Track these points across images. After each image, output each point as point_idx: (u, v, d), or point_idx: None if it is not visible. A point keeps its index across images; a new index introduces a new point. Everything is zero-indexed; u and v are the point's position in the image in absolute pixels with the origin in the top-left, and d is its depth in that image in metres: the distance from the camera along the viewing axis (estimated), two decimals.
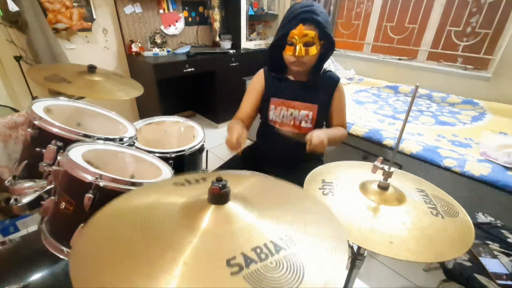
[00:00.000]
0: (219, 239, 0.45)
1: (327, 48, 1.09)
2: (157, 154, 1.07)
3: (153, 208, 0.53)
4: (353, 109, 2.30)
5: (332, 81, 1.15)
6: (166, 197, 0.57)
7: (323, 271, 0.40)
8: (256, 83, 1.24)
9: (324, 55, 1.11)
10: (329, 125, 1.24)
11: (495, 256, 1.07)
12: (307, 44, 1.03)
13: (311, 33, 1.02)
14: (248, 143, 1.41)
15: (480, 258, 1.05)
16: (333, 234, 0.48)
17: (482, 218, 1.28)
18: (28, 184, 0.89)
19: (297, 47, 1.03)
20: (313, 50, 1.04)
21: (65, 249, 0.76)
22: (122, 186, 0.74)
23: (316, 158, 1.28)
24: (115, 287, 0.37)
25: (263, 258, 0.41)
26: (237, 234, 0.46)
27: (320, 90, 1.15)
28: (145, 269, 0.39)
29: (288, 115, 1.18)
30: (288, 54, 1.07)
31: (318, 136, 0.97)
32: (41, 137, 0.88)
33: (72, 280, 0.38)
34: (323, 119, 1.19)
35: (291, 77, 1.19)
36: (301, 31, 1.01)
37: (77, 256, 0.43)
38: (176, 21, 2.86)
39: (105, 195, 0.69)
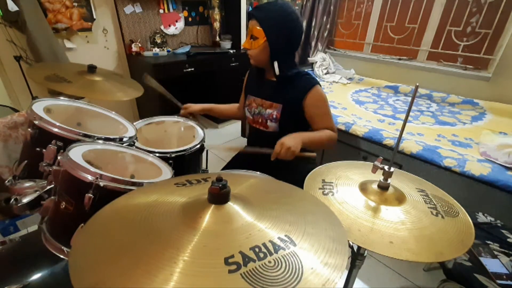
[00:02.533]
0: (218, 238, 0.45)
1: (274, 47, 1.07)
2: (157, 154, 1.07)
3: (153, 207, 0.53)
4: (353, 109, 2.31)
5: (306, 85, 1.11)
6: (167, 196, 0.57)
7: (322, 271, 0.40)
8: (244, 81, 1.36)
9: (275, 54, 1.08)
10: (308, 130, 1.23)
11: (495, 256, 1.07)
12: (253, 37, 1.08)
13: (254, 28, 1.06)
14: (244, 144, 1.43)
15: (480, 258, 1.05)
16: (334, 235, 0.48)
17: (482, 218, 1.28)
18: (28, 184, 0.89)
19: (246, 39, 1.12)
20: (255, 44, 1.08)
21: (65, 249, 0.76)
22: (122, 186, 0.74)
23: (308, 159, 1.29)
24: (115, 285, 0.37)
25: (262, 257, 0.41)
26: (236, 233, 0.46)
27: (289, 91, 1.13)
28: (144, 266, 0.39)
29: (257, 112, 1.22)
30: None
31: (281, 144, 0.97)
32: (41, 137, 0.88)
33: (72, 279, 0.38)
34: (289, 120, 1.15)
35: (267, 76, 1.21)
36: (249, 25, 1.09)
37: (77, 256, 0.43)
38: (176, 21, 2.86)
39: (105, 195, 0.69)
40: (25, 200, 0.82)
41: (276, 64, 1.09)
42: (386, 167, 0.72)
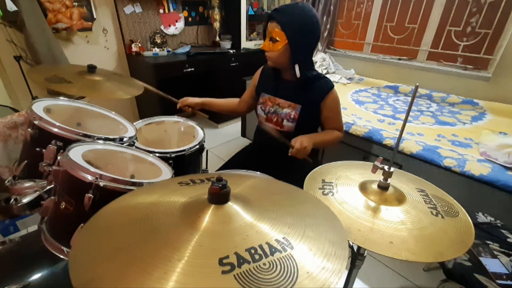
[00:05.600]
0: (216, 238, 0.45)
1: (295, 51, 1.07)
2: (157, 154, 1.07)
3: (154, 206, 0.53)
4: (353, 109, 2.30)
5: (324, 87, 1.14)
6: (168, 196, 0.57)
7: (318, 275, 0.40)
8: (254, 78, 1.35)
9: (296, 56, 1.09)
10: (320, 130, 1.26)
11: (495, 256, 1.07)
12: (272, 40, 1.08)
13: (275, 30, 1.05)
14: (247, 142, 1.43)
15: (480, 258, 1.05)
16: (334, 239, 0.48)
17: (482, 218, 1.28)
18: (28, 184, 0.89)
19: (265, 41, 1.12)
20: (275, 47, 1.08)
21: (65, 249, 0.76)
22: (122, 186, 0.74)
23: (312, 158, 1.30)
24: (110, 281, 0.37)
25: (257, 259, 0.41)
26: (234, 234, 0.46)
27: (308, 92, 1.14)
28: (140, 264, 0.40)
29: (272, 111, 1.22)
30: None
31: (301, 142, 1.03)
32: (41, 137, 0.88)
33: (71, 277, 0.38)
34: (306, 121, 1.17)
35: (283, 76, 1.21)
36: (269, 27, 1.09)
37: (76, 254, 0.44)
38: (176, 21, 2.86)
39: (105, 195, 0.69)
40: (25, 200, 0.82)
41: (297, 67, 1.09)
42: (386, 167, 0.72)
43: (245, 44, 3.13)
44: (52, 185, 0.81)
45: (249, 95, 1.37)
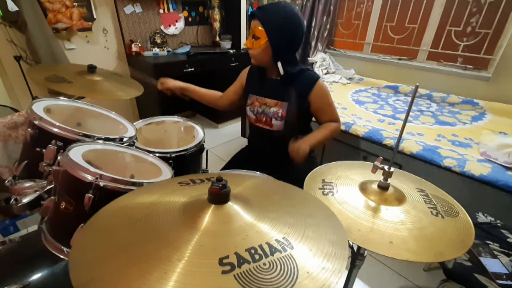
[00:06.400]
0: (216, 238, 0.45)
1: (276, 48, 1.08)
2: (157, 154, 1.07)
3: (154, 206, 0.53)
4: (353, 109, 2.30)
5: (309, 81, 1.13)
6: (168, 196, 0.57)
7: (318, 275, 0.40)
8: (241, 77, 1.35)
9: (277, 54, 1.09)
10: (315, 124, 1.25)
11: (495, 256, 1.07)
12: (255, 38, 1.09)
13: (257, 28, 1.06)
14: (244, 143, 1.44)
15: (480, 258, 1.05)
16: (334, 239, 0.48)
17: (482, 218, 1.28)
18: (28, 184, 0.89)
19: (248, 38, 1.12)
20: (257, 44, 1.08)
21: (65, 249, 0.76)
22: (122, 186, 0.74)
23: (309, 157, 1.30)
24: (109, 282, 0.37)
25: (257, 259, 0.41)
26: (234, 234, 0.46)
27: (293, 88, 1.14)
28: (140, 265, 0.39)
29: (261, 111, 1.21)
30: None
31: (294, 149, 1.03)
32: (41, 137, 0.88)
33: (72, 279, 0.38)
34: (295, 117, 1.17)
35: (269, 75, 1.21)
36: (252, 24, 1.09)
37: (77, 254, 0.44)
38: (176, 21, 2.86)
39: (105, 195, 0.69)
40: (25, 200, 0.82)
41: (279, 64, 1.09)
42: (386, 167, 0.72)
43: None
44: (52, 185, 0.80)
45: (234, 91, 1.37)
